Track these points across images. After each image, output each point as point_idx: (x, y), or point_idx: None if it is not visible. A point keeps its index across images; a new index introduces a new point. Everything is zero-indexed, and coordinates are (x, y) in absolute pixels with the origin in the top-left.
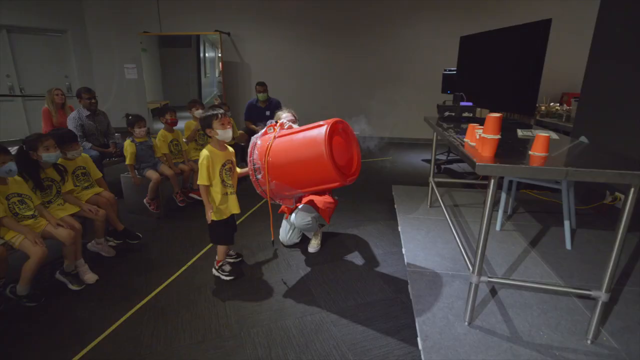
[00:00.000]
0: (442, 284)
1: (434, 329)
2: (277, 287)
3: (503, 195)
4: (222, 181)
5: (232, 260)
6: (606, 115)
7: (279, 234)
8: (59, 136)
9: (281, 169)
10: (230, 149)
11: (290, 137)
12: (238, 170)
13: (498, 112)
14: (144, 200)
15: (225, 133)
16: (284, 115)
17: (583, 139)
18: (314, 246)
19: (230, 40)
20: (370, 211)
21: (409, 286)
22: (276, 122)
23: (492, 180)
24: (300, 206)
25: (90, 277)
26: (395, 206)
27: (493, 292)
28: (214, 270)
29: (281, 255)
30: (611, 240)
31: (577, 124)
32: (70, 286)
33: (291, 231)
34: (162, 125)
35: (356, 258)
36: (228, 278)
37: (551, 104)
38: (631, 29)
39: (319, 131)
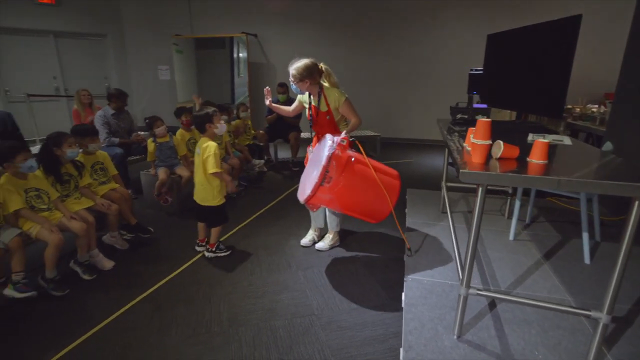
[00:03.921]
0: (438, 293)
1: (419, 340)
2: (273, 287)
3: (517, 203)
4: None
5: (222, 255)
6: None
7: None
8: (83, 130)
9: (347, 190)
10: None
11: (367, 174)
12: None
13: (524, 114)
14: (154, 195)
15: (222, 128)
16: (291, 69)
17: (608, 145)
18: (325, 243)
19: (257, 41)
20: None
21: (403, 293)
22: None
23: (480, 189)
24: None
25: (107, 263)
26: (406, 210)
27: (492, 305)
28: (209, 254)
29: (283, 257)
30: (636, 255)
31: (610, 128)
32: (83, 275)
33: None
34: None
35: (357, 261)
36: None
37: (588, 105)
38: None
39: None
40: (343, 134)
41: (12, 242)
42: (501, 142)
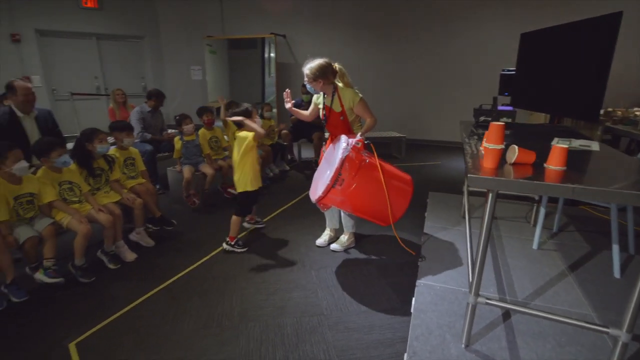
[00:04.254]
0: (450, 300)
1: (425, 347)
2: (285, 285)
3: (542, 211)
4: None
5: (239, 251)
6: None
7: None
8: (121, 126)
9: (359, 192)
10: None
11: (380, 179)
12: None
13: (557, 117)
14: (183, 197)
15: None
16: (305, 69)
17: None
18: (340, 244)
19: (285, 42)
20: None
21: (413, 298)
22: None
23: (490, 195)
24: None
25: (129, 255)
26: (426, 214)
27: (506, 315)
28: (227, 247)
29: (298, 255)
30: None
31: None
32: (108, 265)
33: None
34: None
35: (371, 263)
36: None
37: (633, 108)
38: None
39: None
40: (358, 136)
41: (45, 230)
42: (516, 147)
